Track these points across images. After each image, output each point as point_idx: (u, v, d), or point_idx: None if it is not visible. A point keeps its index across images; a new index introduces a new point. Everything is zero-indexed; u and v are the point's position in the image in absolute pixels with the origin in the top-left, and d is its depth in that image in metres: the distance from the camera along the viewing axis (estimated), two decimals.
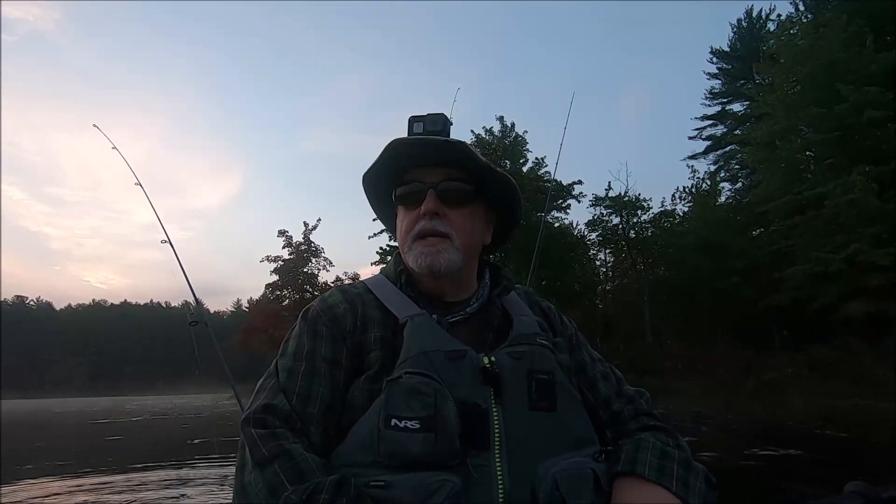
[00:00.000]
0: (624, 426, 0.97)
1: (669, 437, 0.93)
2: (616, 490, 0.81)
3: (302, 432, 0.84)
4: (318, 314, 0.96)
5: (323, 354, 0.92)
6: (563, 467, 0.80)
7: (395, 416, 0.78)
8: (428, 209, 0.95)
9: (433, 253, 0.94)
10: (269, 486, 0.73)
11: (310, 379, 0.89)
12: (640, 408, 1.00)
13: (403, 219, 1.00)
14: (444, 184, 0.96)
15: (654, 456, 0.84)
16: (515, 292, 1.07)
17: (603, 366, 1.06)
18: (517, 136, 23.60)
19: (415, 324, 0.90)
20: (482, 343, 0.93)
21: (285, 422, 0.84)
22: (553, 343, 0.96)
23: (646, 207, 24.38)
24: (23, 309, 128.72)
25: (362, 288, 1.03)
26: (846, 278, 15.84)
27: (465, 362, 0.85)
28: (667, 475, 0.80)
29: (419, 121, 0.98)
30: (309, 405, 0.87)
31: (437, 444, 0.76)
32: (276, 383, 0.89)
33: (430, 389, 0.79)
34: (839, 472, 5.55)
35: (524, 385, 0.85)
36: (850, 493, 0.69)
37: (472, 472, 0.77)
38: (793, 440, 7.41)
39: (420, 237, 0.96)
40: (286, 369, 0.91)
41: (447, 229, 0.96)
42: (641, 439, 0.89)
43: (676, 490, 0.78)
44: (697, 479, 0.82)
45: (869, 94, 16.57)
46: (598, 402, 1.00)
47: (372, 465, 0.78)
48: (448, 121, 0.99)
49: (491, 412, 0.82)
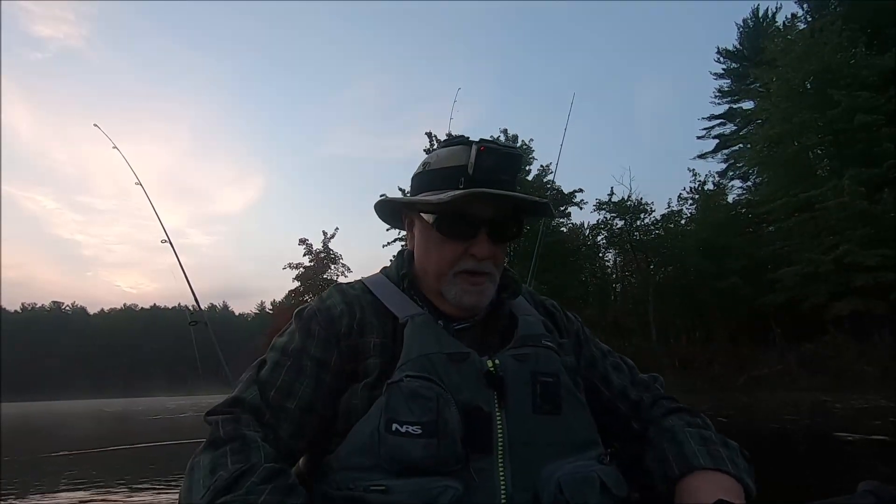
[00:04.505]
0: (647, 413, 0.97)
1: (695, 417, 0.94)
2: (680, 490, 0.80)
3: (270, 426, 0.83)
4: (314, 313, 0.94)
5: (312, 354, 0.89)
6: (567, 471, 0.79)
7: (396, 421, 0.77)
8: (483, 256, 0.91)
9: (478, 293, 0.92)
10: (213, 465, 0.72)
11: (293, 375, 0.87)
12: (657, 393, 1.00)
13: (443, 247, 0.93)
14: (499, 224, 0.92)
15: (698, 443, 0.84)
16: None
17: (613, 357, 1.06)
18: (523, 145, 24.41)
19: (415, 324, 0.89)
20: (486, 345, 0.91)
21: (253, 414, 0.83)
22: (558, 344, 0.95)
23: (649, 211, 24.97)
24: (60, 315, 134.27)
25: (361, 288, 1.00)
26: (835, 278, 16.40)
27: (467, 365, 0.84)
28: (717, 458, 0.81)
29: (492, 156, 0.88)
30: (288, 401, 0.85)
31: (439, 449, 0.75)
32: (254, 376, 0.89)
33: (431, 394, 0.78)
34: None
35: (528, 388, 0.84)
36: (862, 492, 0.69)
37: (475, 477, 0.76)
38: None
39: (465, 272, 0.92)
40: (272, 362, 0.90)
41: (492, 269, 0.93)
42: (675, 429, 0.88)
43: (731, 470, 0.79)
44: (739, 456, 0.84)
45: (860, 99, 17.06)
46: (615, 395, 0.99)
47: (372, 468, 0.77)
48: (522, 157, 0.93)
49: (494, 416, 0.81)
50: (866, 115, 16.87)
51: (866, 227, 15.92)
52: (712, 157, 34.31)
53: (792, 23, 24.31)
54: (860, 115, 16.95)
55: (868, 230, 15.85)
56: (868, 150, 17.27)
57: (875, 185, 16.66)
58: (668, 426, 0.91)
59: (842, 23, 18.64)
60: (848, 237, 16.16)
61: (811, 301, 17.15)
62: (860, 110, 17.04)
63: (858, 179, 16.52)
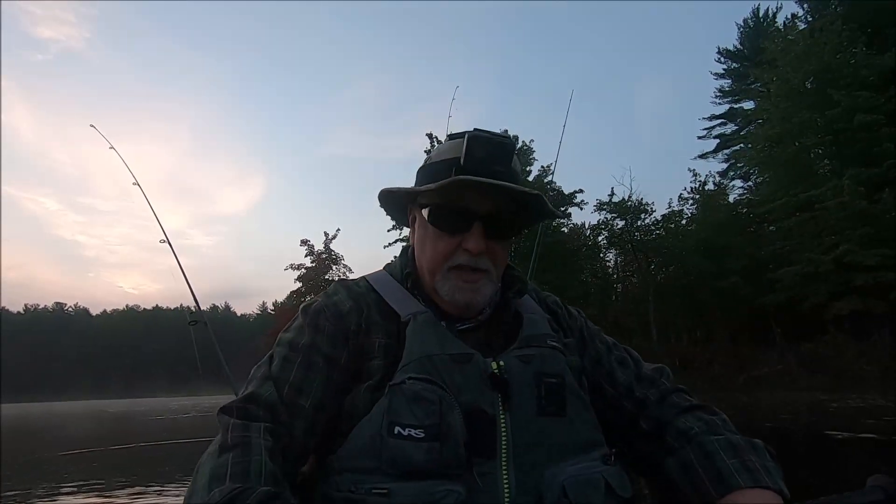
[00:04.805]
0: (656, 411, 0.93)
1: (712, 416, 0.90)
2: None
3: (285, 424, 0.80)
4: (322, 309, 0.92)
5: (322, 350, 0.87)
6: (571, 473, 0.78)
7: (399, 424, 0.76)
8: (479, 250, 0.88)
9: (472, 290, 0.90)
10: (213, 475, 0.70)
11: (304, 372, 0.85)
12: (663, 388, 0.96)
13: (437, 241, 0.91)
14: (494, 218, 0.90)
15: (729, 455, 0.79)
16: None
17: (618, 350, 1.03)
18: (524, 146, 24.47)
19: (418, 323, 0.87)
20: (491, 346, 0.90)
21: (269, 412, 0.80)
22: (563, 344, 0.93)
23: (649, 211, 25.02)
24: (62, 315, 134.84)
25: (365, 286, 0.98)
26: (835, 278, 16.45)
27: (471, 366, 0.82)
28: (754, 472, 0.76)
29: (484, 143, 0.87)
30: (301, 398, 0.83)
31: (442, 453, 0.75)
32: (267, 372, 0.86)
33: (434, 396, 0.77)
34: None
35: (533, 390, 0.83)
36: (871, 486, 0.68)
37: (478, 481, 0.75)
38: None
39: (457, 267, 0.90)
40: (281, 357, 0.87)
41: (488, 266, 0.91)
42: (700, 439, 0.84)
43: (770, 484, 0.75)
44: (768, 458, 0.80)
45: (860, 99, 17.11)
46: (620, 393, 0.97)
47: (374, 471, 0.76)
48: (515, 145, 0.90)
49: (498, 419, 0.80)
50: (866, 114, 16.93)
51: (866, 227, 15.98)
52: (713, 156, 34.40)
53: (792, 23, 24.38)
54: (860, 115, 17.01)
55: (868, 230, 15.91)
56: (868, 149, 17.30)
57: (875, 184, 16.71)
58: (688, 430, 0.87)
59: (842, 23, 18.70)
60: (848, 237, 16.21)
61: (811, 301, 17.21)
62: (860, 110, 17.10)
63: (858, 179, 16.58)
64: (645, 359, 1.03)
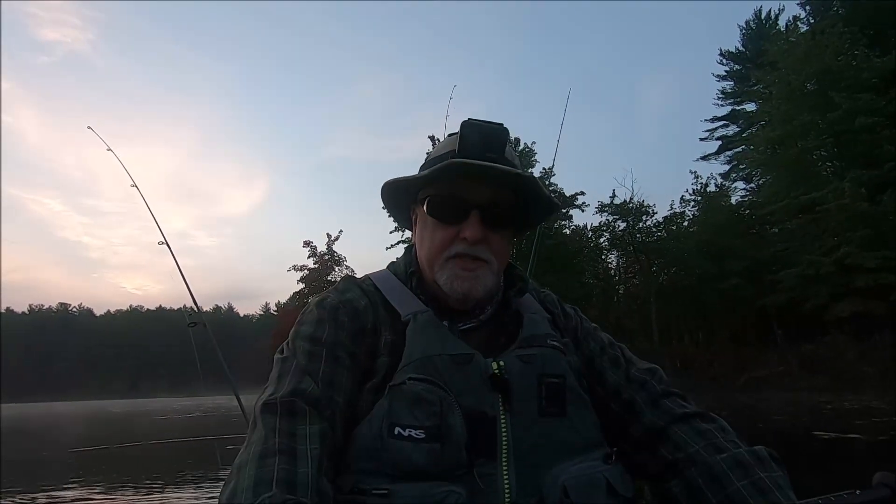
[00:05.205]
0: (648, 416, 0.91)
1: (709, 424, 0.87)
2: None
3: (329, 420, 0.78)
4: (340, 305, 0.90)
5: (345, 345, 0.85)
6: (573, 474, 0.77)
7: (399, 425, 0.75)
8: (474, 239, 0.88)
9: (471, 279, 0.88)
10: (258, 479, 0.67)
11: (332, 366, 0.83)
12: (653, 391, 0.93)
13: (435, 231, 0.91)
14: (492, 207, 0.89)
15: (738, 476, 0.76)
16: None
17: (613, 350, 1.01)
18: (526, 148, 24.57)
19: (418, 323, 0.87)
20: (492, 346, 0.89)
21: (315, 407, 0.78)
22: (564, 343, 0.93)
23: (651, 213, 25.07)
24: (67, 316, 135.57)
25: (371, 284, 0.98)
26: (836, 280, 16.49)
27: (472, 367, 0.82)
28: (766, 492, 0.73)
29: (476, 129, 0.88)
30: (336, 393, 0.81)
31: (443, 454, 0.74)
32: (300, 365, 0.82)
33: (435, 398, 0.77)
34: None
35: (534, 390, 0.82)
36: (878, 484, 0.67)
37: (478, 482, 0.75)
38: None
39: (456, 257, 0.89)
40: (305, 352, 0.84)
41: (487, 256, 0.90)
42: (706, 459, 0.81)
43: (781, 500, 0.72)
44: (776, 470, 0.77)
45: (861, 101, 17.17)
46: (608, 394, 0.95)
47: (375, 472, 0.75)
48: (508, 132, 0.91)
49: (499, 420, 0.79)
50: (867, 117, 16.99)
51: (867, 229, 16.02)
52: (715, 158, 34.48)
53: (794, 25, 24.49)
54: (861, 118, 17.07)
55: (868, 232, 15.96)
56: (869, 151, 17.37)
57: (876, 186, 16.77)
58: (686, 446, 0.84)
59: (843, 25, 18.77)
60: (849, 239, 16.26)
61: (812, 302, 17.26)
62: (861, 112, 17.17)
63: (859, 181, 16.65)
64: (646, 359, 1.03)
